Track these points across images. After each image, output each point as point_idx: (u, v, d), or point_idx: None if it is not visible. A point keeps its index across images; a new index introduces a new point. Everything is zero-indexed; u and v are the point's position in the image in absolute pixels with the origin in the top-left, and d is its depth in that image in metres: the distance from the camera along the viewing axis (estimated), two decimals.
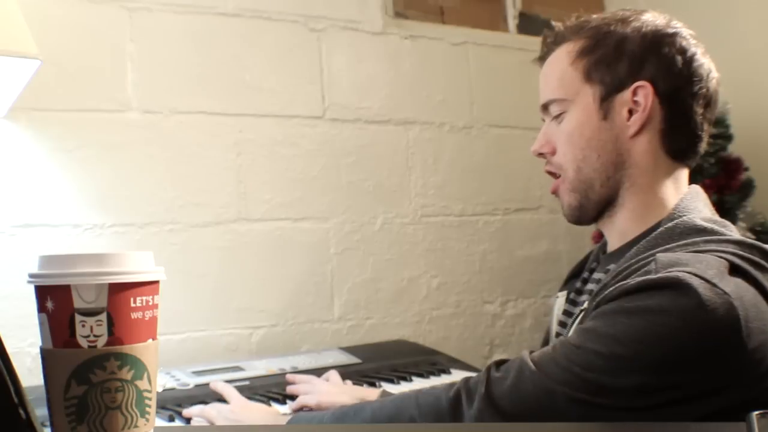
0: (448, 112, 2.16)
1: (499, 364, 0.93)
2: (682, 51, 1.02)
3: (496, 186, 2.22)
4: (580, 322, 0.95)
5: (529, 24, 2.39)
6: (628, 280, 0.89)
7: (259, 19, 1.90)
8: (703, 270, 0.84)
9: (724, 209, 1.95)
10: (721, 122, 1.99)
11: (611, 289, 0.90)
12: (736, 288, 0.84)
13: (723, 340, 0.81)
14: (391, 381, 1.52)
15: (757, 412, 0.58)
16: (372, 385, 1.50)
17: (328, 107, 1.98)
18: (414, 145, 2.10)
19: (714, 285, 0.82)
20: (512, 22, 2.40)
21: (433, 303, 2.10)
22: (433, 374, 1.59)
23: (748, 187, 2.02)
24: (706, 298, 0.81)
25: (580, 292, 1.12)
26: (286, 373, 1.53)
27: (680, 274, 0.83)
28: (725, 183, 1.98)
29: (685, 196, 1.03)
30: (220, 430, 1.10)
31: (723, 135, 2.00)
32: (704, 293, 0.81)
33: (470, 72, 2.21)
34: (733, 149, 2.02)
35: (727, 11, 2.23)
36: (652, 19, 1.04)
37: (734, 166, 2.00)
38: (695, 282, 0.82)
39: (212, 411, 1.21)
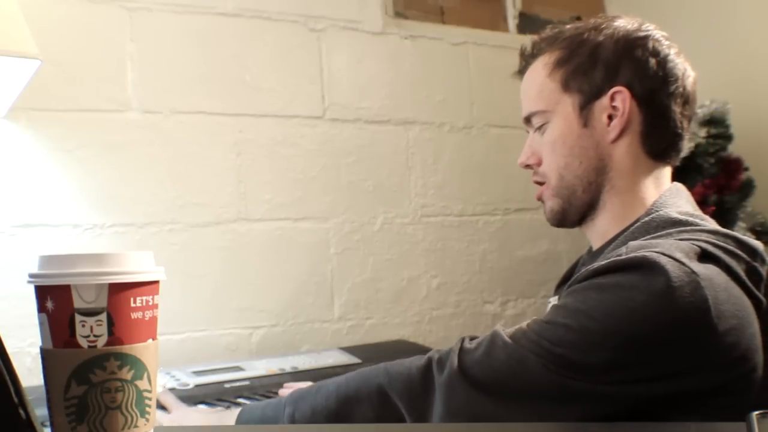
0: (448, 112, 2.16)
1: (473, 338, 0.94)
2: (655, 53, 1.03)
3: (496, 186, 2.22)
4: None
5: (529, 24, 2.39)
6: (599, 262, 0.90)
7: (259, 19, 1.90)
8: (672, 251, 0.85)
9: (724, 209, 1.95)
10: (721, 122, 1.99)
11: (582, 271, 0.92)
12: (706, 270, 0.85)
13: (691, 318, 0.82)
14: None
15: (757, 412, 0.59)
16: None
17: (328, 107, 1.98)
18: (414, 145, 2.10)
19: (682, 264, 0.83)
20: (512, 22, 2.40)
21: (433, 303, 2.10)
22: None
23: (748, 187, 2.02)
24: (674, 276, 0.82)
25: None
26: (286, 374, 1.53)
27: (649, 254, 0.85)
28: (725, 183, 1.98)
29: (664, 192, 1.05)
30: (221, 431, 1.09)
31: (723, 135, 2.00)
32: (672, 270, 0.82)
33: (470, 72, 2.21)
34: (733, 149, 2.02)
35: (727, 11, 2.23)
36: (624, 24, 1.06)
37: (734, 166, 2.00)
38: (663, 260, 0.83)
39: None
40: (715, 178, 1.96)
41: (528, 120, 1.12)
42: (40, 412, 0.58)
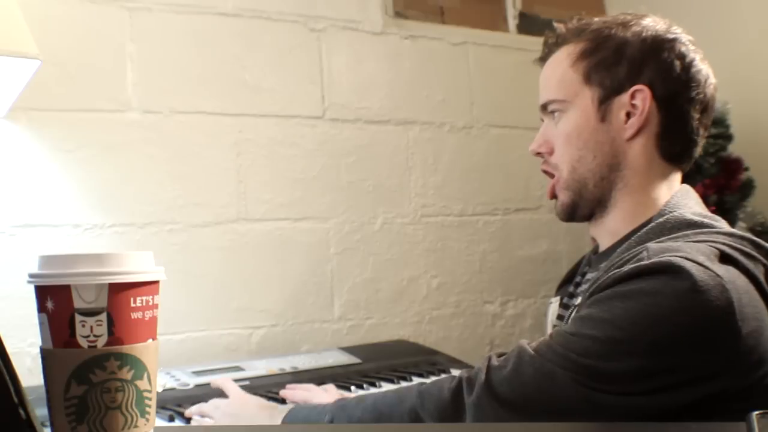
0: (448, 112, 2.16)
1: (500, 355, 0.94)
2: (681, 56, 1.03)
3: (496, 186, 2.22)
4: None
5: (529, 24, 2.39)
6: (621, 269, 0.90)
7: (259, 19, 1.90)
8: (695, 255, 0.85)
9: (724, 209, 1.95)
10: (721, 122, 1.99)
11: (604, 278, 0.91)
12: (728, 273, 0.85)
13: (717, 321, 0.82)
14: (391, 381, 1.52)
15: (757, 412, 0.58)
16: (372, 385, 1.50)
17: (328, 107, 1.98)
18: (414, 145, 2.10)
19: (706, 268, 0.83)
20: (512, 22, 2.40)
21: (433, 303, 2.10)
22: (433, 374, 1.59)
23: (748, 187, 2.02)
24: (700, 280, 0.82)
25: (572, 296, 1.13)
26: (286, 374, 1.53)
27: (673, 258, 0.84)
28: (725, 183, 1.98)
29: (675, 193, 1.05)
30: (221, 430, 1.09)
31: (723, 135, 2.00)
32: (698, 275, 0.82)
33: (470, 72, 2.21)
34: (733, 149, 2.02)
35: (727, 11, 2.23)
36: (653, 24, 1.05)
37: (734, 166, 2.00)
38: (688, 265, 0.83)
39: (209, 406, 1.21)
40: (715, 178, 1.96)
41: (545, 108, 1.11)
42: (40, 412, 0.58)
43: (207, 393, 1.36)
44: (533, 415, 0.86)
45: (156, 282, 0.62)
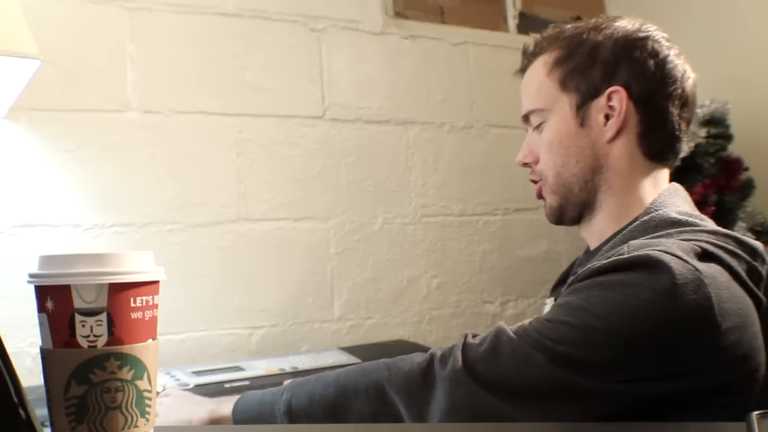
0: (448, 112, 2.16)
1: (475, 335, 0.93)
2: (654, 54, 1.03)
3: (496, 186, 2.22)
4: None
5: (529, 24, 2.39)
6: (601, 261, 0.90)
7: (259, 19, 1.90)
8: (674, 250, 0.85)
9: (724, 209, 1.95)
10: (721, 122, 1.99)
11: (583, 270, 0.91)
12: (708, 268, 0.85)
13: (695, 316, 0.82)
14: None
15: (757, 412, 0.59)
16: None
17: (328, 107, 1.98)
18: (414, 145, 2.10)
19: (686, 262, 0.83)
20: (512, 22, 2.40)
21: (433, 303, 2.10)
22: None
23: (748, 187, 2.02)
24: (678, 274, 0.82)
25: None
26: (286, 374, 1.53)
27: (652, 252, 0.84)
28: (725, 183, 1.98)
29: (662, 192, 1.05)
30: (221, 431, 1.09)
31: (723, 135, 2.00)
32: (677, 268, 0.82)
33: (470, 72, 2.21)
34: (733, 149, 2.02)
35: (727, 11, 2.23)
36: (624, 24, 1.06)
37: (734, 166, 2.00)
38: (667, 258, 0.83)
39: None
40: (715, 178, 1.96)
41: (526, 118, 1.12)
42: (40, 412, 0.58)
43: (206, 393, 1.36)
44: (509, 395, 0.85)
45: (156, 282, 0.62)
